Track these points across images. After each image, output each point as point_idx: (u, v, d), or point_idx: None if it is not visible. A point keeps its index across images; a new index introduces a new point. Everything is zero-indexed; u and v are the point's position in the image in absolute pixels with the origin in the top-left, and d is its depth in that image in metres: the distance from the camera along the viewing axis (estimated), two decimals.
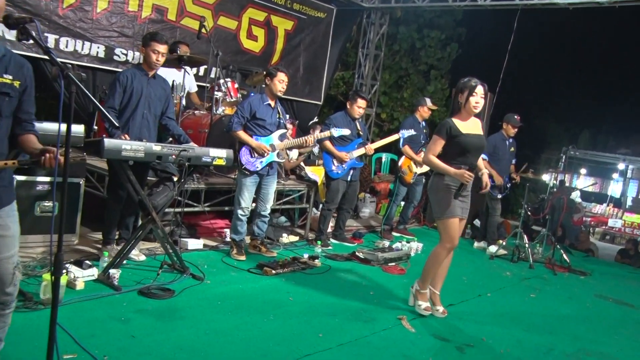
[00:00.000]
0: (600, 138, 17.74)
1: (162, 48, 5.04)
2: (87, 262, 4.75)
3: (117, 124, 3.22)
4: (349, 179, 7.07)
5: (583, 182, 11.44)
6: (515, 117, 8.06)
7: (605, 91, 17.75)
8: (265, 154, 5.84)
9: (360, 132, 7.10)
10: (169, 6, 7.95)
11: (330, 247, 7.00)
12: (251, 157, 5.81)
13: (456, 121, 4.79)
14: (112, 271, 4.60)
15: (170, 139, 5.58)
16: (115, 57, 7.47)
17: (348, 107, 7.02)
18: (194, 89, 7.17)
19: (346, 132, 6.63)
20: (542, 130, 18.86)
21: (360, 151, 7.05)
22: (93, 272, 4.64)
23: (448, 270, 5.10)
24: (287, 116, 6.77)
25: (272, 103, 5.91)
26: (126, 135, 4.93)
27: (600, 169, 11.60)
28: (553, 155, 16.12)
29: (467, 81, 4.78)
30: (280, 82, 5.83)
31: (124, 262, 4.91)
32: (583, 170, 11.23)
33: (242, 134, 5.81)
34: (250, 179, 5.88)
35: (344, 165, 6.95)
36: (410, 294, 5.14)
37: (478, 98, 4.72)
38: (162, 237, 4.98)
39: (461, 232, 4.99)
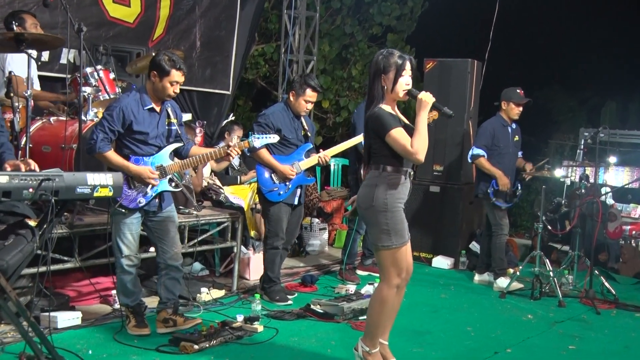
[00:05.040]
0: (633, 109, 18.05)
1: None
2: None
3: None
4: (295, 201, 7.04)
5: (614, 175, 11.66)
6: (518, 91, 8.19)
7: (634, 43, 18.06)
8: (151, 182, 5.67)
9: (309, 134, 7.08)
10: None
11: (289, 302, 6.98)
12: (129, 187, 5.62)
13: (389, 110, 5.00)
14: None
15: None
16: None
17: (291, 99, 6.99)
18: (36, 84, 6.92)
19: (274, 138, 6.32)
20: (548, 106, 19.19)
21: (312, 161, 7.02)
22: None
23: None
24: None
25: (157, 107, 5.75)
26: None
27: (639, 154, 11.80)
28: (566, 140, 16.44)
29: (387, 57, 4.99)
30: (173, 84, 5.63)
31: None
32: (612, 159, 11.40)
33: (112, 155, 5.55)
34: (132, 215, 5.73)
35: (287, 183, 6.90)
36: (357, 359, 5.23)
37: (408, 77, 4.98)
38: (14, 314, 4.72)
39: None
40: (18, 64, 6.56)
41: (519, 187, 8.30)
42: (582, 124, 15.15)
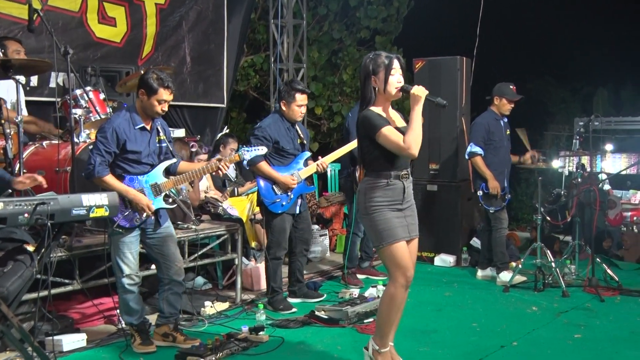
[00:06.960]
0: (626, 96, 17.95)
1: None
2: None
3: None
4: (297, 210, 7.04)
5: (611, 163, 11.65)
6: (511, 87, 8.19)
7: (627, 27, 17.98)
8: (146, 211, 5.67)
9: (305, 141, 7.08)
10: None
11: (294, 310, 6.95)
12: (125, 207, 5.63)
13: (378, 111, 5.02)
14: None
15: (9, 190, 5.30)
16: None
17: (283, 108, 6.97)
18: (24, 111, 6.89)
19: (262, 150, 6.30)
20: (541, 98, 19.13)
21: (311, 169, 7.02)
22: None
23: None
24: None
25: (148, 125, 5.76)
26: None
27: (635, 140, 11.79)
28: (562, 131, 16.44)
29: (375, 58, 5.04)
30: (160, 102, 5.63)
31: None
32: (609, 146, 11.39)
33: (110, 179, 5.55)
34: (130, 234, 5.74)
35: (290, 194, 6.90)
36: (366, 358, 5.23)
37: (398, 76, 5.01)
38: (19, 341, 4.72)
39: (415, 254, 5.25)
40: (2, 90, 6.56)
41: (508, 192, 8.32)
42: (576, 114, 15.09)
